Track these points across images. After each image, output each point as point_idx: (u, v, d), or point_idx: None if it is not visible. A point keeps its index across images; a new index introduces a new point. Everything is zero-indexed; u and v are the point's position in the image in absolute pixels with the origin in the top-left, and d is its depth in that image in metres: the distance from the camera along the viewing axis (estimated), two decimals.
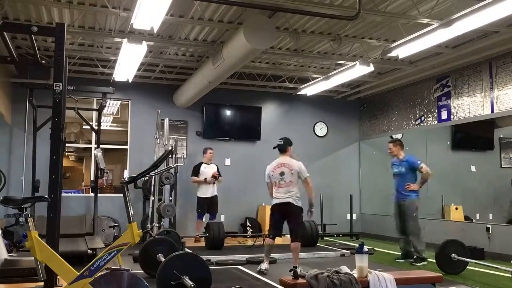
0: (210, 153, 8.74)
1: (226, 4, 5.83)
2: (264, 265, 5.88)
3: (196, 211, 8.65)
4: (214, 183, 8.60)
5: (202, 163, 8.72)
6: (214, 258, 6.79)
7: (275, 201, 5.98)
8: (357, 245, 3.99)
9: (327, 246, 8.29)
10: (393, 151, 7.10)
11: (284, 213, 5.93)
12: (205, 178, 8.48)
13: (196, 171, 8.64)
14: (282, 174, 5.94)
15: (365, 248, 3.91)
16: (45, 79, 7.76)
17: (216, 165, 8.83)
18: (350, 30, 7.10)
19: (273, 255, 7.14)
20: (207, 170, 8.60)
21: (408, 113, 9.64)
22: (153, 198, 7.61)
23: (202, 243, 8.38)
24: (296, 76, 9.71)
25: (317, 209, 9.93)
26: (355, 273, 3.85)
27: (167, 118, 8.36)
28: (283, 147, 6.15)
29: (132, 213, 3.20)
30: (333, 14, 5.81)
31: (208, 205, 8.59)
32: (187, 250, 7.22)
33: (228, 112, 10.17)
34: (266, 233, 9.62)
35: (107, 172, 8.43)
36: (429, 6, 6.05)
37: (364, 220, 10.76)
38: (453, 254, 5.79)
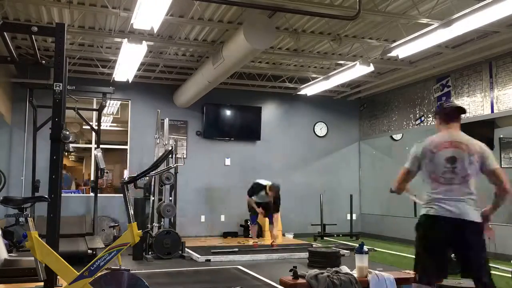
0: None
1: (226, 4, 5.83)
2: None
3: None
4: None
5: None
6: (214, 258, 6.80)
7: (434, 211, 3.13)
8: (357, 245, 3.99)
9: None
10: None
11: (456, 239, 3.10)
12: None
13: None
14: (453, 160, 3.12)
15: (365, 248, 3.91)
16: (45, 79, 7.76)
17: None
18: (350, 30, 7.10)
19: (273, 255, 7.14)
20: None
21: (408, 113, 9.64)
22: (153, 198, 7.60)
23: (206, 243, 8.38)
24: (296, 76, 9.71)
25: (317, 209, 9.97)
26: (355, 273, 3.85)
27: (167, 118, 8.36)
28: (456, 111, 3.32)
29: (132, 213, 3.19)
30: (333, 14, 5.81)
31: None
32: (187, 250, 7.24)
33: (228, 112, 10.17)
34: (266, 234, 9.70)
35: (107, 172, 8.42)
36: (429, 6, 6.05)
37: (364, 220, 10.75)
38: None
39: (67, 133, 2.94)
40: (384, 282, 3.79)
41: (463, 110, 3.37)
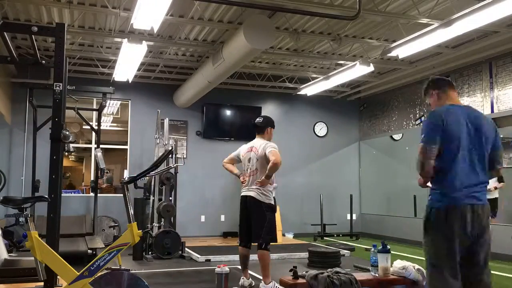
0: None
1: (226, 4, 5.83)
2: (241, 280, 4.89)
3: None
4: None
5: None
6: (214, 258, 6.80)
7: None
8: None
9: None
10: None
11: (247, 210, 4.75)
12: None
13: None
14: (249, 160, 4.93)
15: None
16: (45, 79, 7.76)
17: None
18: (350, 30, 7.10)
19: (273, 255, 7.12)
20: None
21: (408, 113, 9.64)
22: (153, 198, 7.60)
23: (206, 243, 8.38)
24: (296, 76, 9.71)
25: (317, 209, 9.97)
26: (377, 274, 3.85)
27: (167, 118, 8.36)
28: (263, 126, 5.08)
29: (132, 213, 3.19)
30: (333, 14, 5.81)
31: None
32: (187, 250, 7.24)
33: (228, 112, 10.17)
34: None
35: (107, 172, 8.42)
36: (429, 6, 6.05)
37: (364, 220, 10.75)
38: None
39: (67, 133, 2.94)
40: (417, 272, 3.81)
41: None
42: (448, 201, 2.69)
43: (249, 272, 5.83)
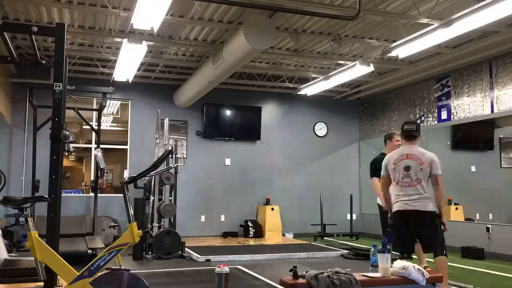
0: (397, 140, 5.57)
1: (226, 4, 5.83)
2: None
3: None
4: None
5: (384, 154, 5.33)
6: (214, 258, 6.80)
7: (397, 207, 4.41)
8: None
9: (327, 246, 8.29)
10: None
11: (413, 223, 4.37)
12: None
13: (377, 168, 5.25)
14: (407, 168, 4.34)
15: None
16: (45, 79, 7.76)
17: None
18: (350, 30, 7.10)
19: (273, 255, 7.14)
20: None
21: (408, 113, 9.64)
22: (153, 198, 7.60)
23: (206, 243, 8.36)
24: (296, 76, 9.71)
25: (317, 209, 9.97)
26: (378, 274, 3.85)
27: (167, 118, 8.35)
28: (416, 132, 4.41)
29: (132, 213, 3.19)
30: (333, 14, 5.81)
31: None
32: (187, 250, 7.24)
33: (228, 112, 10.17)
34: (266, 234, 9.70)
35: (107, 172, 8.42)
36: (429, 6, 6.05)
37: (364, 220, 10.75)
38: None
39: (67, 133, 2.94)
40: (417, 273, 3.80)
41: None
42: None
43: (250, 272, 5.85)
